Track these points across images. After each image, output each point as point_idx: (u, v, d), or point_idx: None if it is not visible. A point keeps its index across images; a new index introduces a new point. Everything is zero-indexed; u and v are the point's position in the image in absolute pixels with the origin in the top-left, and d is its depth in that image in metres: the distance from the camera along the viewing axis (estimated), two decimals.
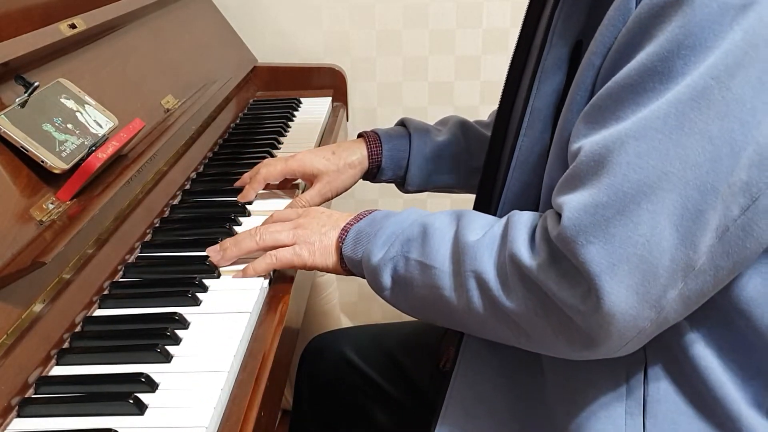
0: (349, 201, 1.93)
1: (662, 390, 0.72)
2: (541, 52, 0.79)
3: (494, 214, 0.84)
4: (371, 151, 1.11)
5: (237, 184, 1.13)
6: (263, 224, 0.91)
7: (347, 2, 1.78)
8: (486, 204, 0.91)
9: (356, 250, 0.83)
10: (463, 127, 1.14)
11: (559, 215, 0.67)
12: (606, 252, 0.62)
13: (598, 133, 0.65)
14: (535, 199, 0.80)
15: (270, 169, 1.08)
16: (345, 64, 1.76)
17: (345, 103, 1.72)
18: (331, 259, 0.86)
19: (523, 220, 0.73)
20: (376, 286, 0.82)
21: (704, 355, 0.70)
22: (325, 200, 1.10)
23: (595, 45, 0.69)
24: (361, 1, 1.78)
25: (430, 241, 0.77)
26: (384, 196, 1.94)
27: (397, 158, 1.12)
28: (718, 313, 0.69)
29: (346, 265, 0.86)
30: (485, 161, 0.94)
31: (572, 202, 0.65)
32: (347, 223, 0.87)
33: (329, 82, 1.70)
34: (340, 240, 0.85)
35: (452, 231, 0.77)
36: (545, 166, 0.78)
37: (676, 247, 0.61)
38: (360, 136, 1.14)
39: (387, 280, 0.80)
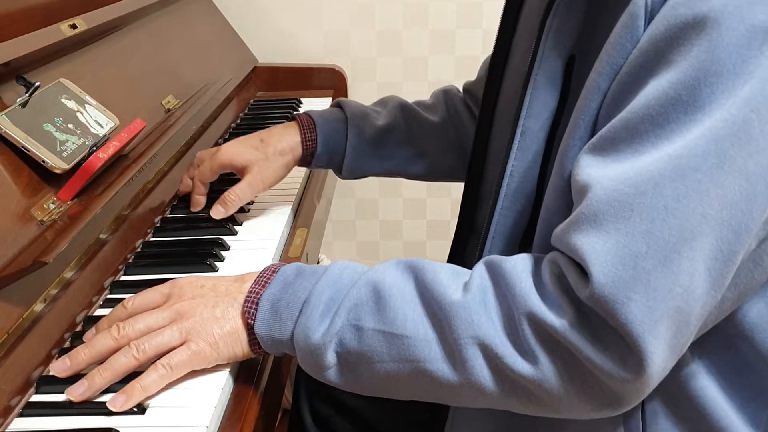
0: (349, 201, 1.93)
1: (660, 421, 0.68)
2: (531, 65, 0.72)
3: (481, 248, 0.77)
4: (305, 137, 1.03)
5: (181, 188, 1.09)
6: (129, 321, 0.71)
7: (347, 2, 1.78)
8: (468, 235, 0.82)
9: (278, 328, 0.68)
10: (404, 110, 1.08)
11: (576, 264, 0.60)
12: (648, 309, 0.56)
13: (613, 168, 0.59)
14: (528, 229, 0.74)
15: (201, 170, 1.03)
16: (345, 64, 1.76)
17: None
18: (239, 347, 0.70)
19: (519, 267, 0.64)
20: (315, 367, 0.68)
21: (706, 384, 0.66)
22: (257, 193, 1.02)
23: (600, 65, 0.63)
24: (361, 1, 1.78)
25: (388, 303, 0.65)
26: (384, 195, 1.94)
27: (333, 144, 1.04)
28: (718, 337, 0.66)
29: (261, 347, 0.70)
30: (465, 183, 0.87)
31: (601, 252, 0.57)
32: (251, 292, 0.70)
33: (329, 82, 1.70)
34: (249, 317, 0.69)
35: (411, 287, 0.66)
36: (540, 194, 0.72)
37: (707, 292, 0.57)
38: (293, 119, 1.06)
39: (331, 358, 0.66)
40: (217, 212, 1.00)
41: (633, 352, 0.57)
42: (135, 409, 0.67)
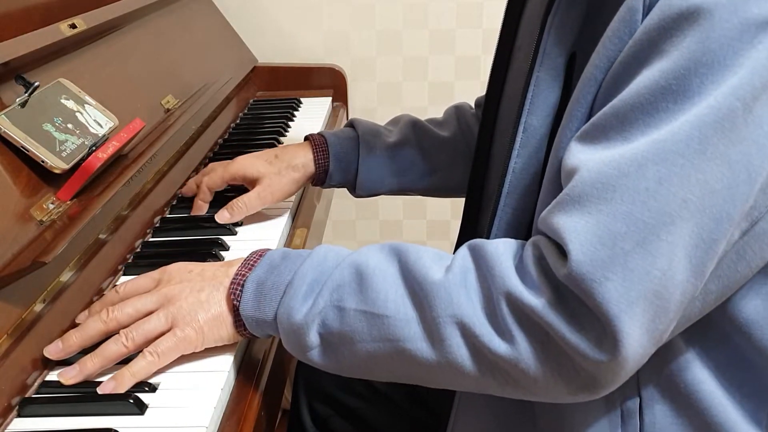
0: (347, 202, 1.92)
1: (658, 419, 0.68)
2: (533, 62, 0.72)
3: None
4: (317, 156, 1.05)
5: (184, 190, 1.10)
6: (118, 305, 0.73)
7: (347, 2, 1.78)
8: (471, 235, 0.83)
9: (263, 309, 0.69)
10: (415, 128, 1.09)
11: (557, 244, 0.60)
12: (624, 289, 0.56)
13: (601, 152, 0.60)
14: (531, 226, 0.73)
15: (211, 176, 1.04)
16: (345, 64, 1.76)
17: (345, 103, 1.72)
18: (224, 330, 0.72)
19: (501, 249, 0.65)
20: (299, 347, 0.69)
21: (701, 376, 0.67)
22: (265, 204, 1.03)
23: (597, 58, 0.64)
24: (361, 1, 1.78)
25: (370, 284, 0.65)
26: (383, 197, 1.94)
27: (345, 163, 1.06)
28: (715, 331, 0.67)
29: (246, 329, 0.71)
30: (469, 183, 0.87)
31: (581, 232, 0.58)
32: (237, 275, 0.72)
33: (329, 82, 1.70)
34: (234, 298, 0.71)
35: (395, 269, 0.67)
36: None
37: (687, 279, 0.58)
38: (306, 139, 1.08)
39: (314, 338, 0.67)
40: (223, 217, 1.01)
41: (608, 333, 0.57)
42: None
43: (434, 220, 1.98)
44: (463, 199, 0.98)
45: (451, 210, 1.97)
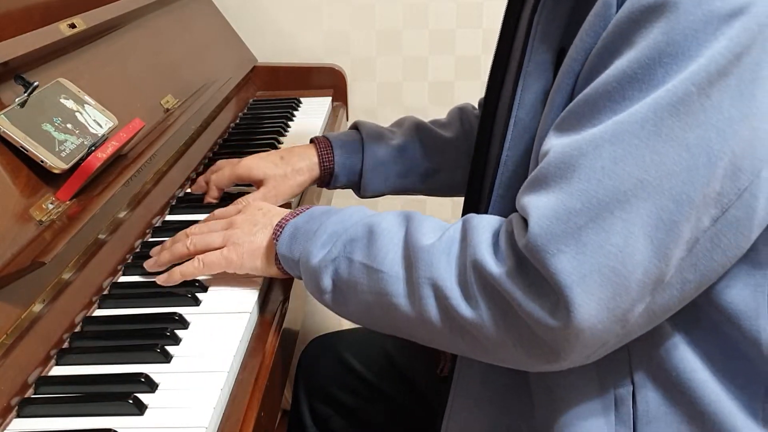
0: (349, 201, 1.93)
1: (652, 407, 0.69)
2: (521, 58, 0.75)
3: None
4: (322, 158, 1.08)
5: (194, 188, 1.12)
6: (203, 221, 0.90)
7: (347, 2, 1.78)
8: None
9: (293, 249, 0.79)
10: (418, 129, 1.11)
11: (525, 220, 0.64)
12: (577, 262, 0.59)
13: (570, 136, 0.63)
14: None
15: (218, 175, 1.07)
16: (345, 64, 1.75)
17: (345, 103, 1.71)
18: (260, 261, 0.83)
19: (484, 223, 0.69)
20: (315, 289, 0.77)
21: (696, 367, 0.68)
22: None
23: (575, 50, 0.67)
24: (361, 1, 1.78)
25: (376, 242, 0.73)
26: (383, 197, 1.94)
27: (350, 165, 1.08)
28: (704, 321, 0.67)
29: (281, 265, 0.82)
30: (468, 179, 0.90)
31: (540, 207, 0.62)
32: (282, 219, 0.82)
33: (329, 82, 1.70)
34: (275, 237, 0.81)
35: (401, 233, 0.73)
36: None
37: (649, 259, 0.59)
38: (312, 141, 1.11)
39: (327, 282, 0.75)
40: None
41: (561, 302, 0.60)
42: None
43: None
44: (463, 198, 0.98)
45: (451, 210, 1.97)
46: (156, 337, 0.77)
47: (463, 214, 0.95)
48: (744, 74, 0.58)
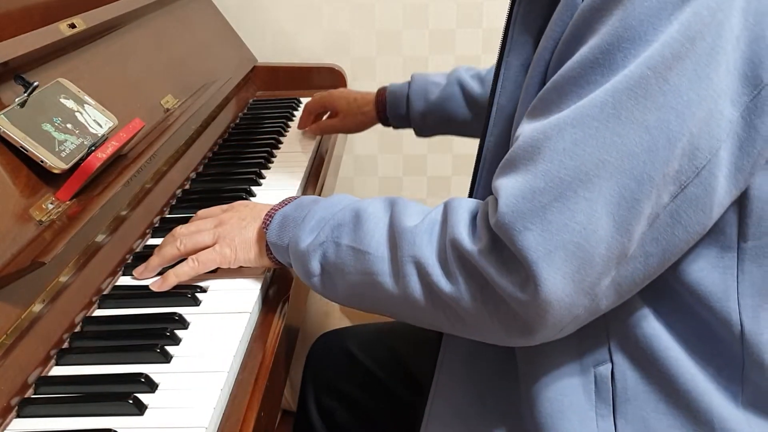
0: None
1: (630, 385, 0.72)
2: (502, 49, 0.79)
3: None
4: (378, 101, 1.34)
5: (299, 126, 1.42)
6: (188, 223, 0.91)
7: (347, 2, 1.78)
8: None
9: (282, 237, 0.82)
10: (459, 81, 1.28)
11: (496, 200, 0.67)
12: (543, 239, 0.62)
13: (539, 121, 0.66)
14: None
15: (310, 101, 1.40)
16: (345, 64, 1.75)
17: None
18: (252, 252, 0.86)
19: (463, 204, 0.72)
20: (304, 273, 0.80)
21: (670, 346, 0.70)
22: (336, 131, 1.42)
23: (545, 40, 0.70)
24: (361, 1, 1.78)
25: (363, 226, 0.76)
26: (384, 193, 1.94)
27: (396, 100, 1.30)
28: (677, 300, 0.70)
29: (272, 254, 0.84)
30: (471, 184, 0.94)
31: (508, 188, 0.65)
32: (271, 209, 0.85)
33: (329, 82, 1.70)
34: (264, 226, 0.84)
35: (387, 216, 0.76)
36: None
37: (611, 235, 0.62)
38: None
39: (316, 266, 0.78)
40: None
41: (529, 277, 0.63)
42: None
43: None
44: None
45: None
46: (156, 337, 0.77)
47: None
48: (699, 58, 0.60)
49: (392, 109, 1.33)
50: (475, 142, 0.90)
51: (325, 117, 1.42)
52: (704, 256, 0.68)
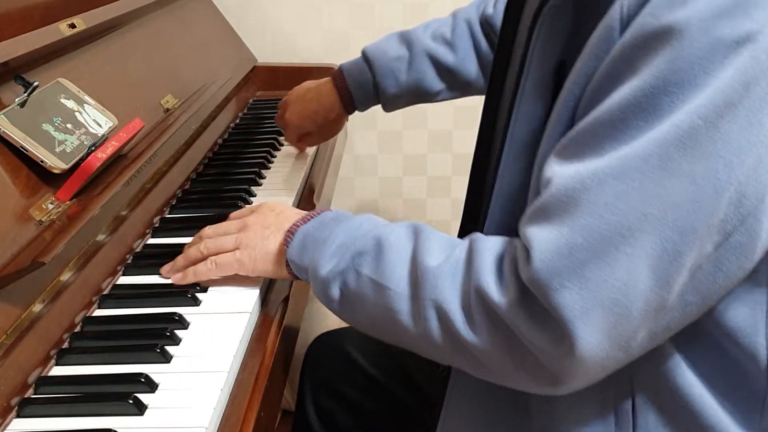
0: (348, 201, 1.93)
1: (651, 423, 0.70)
2: (519, 75, 0.74)
3: None
4: (342, 101, 1.23)
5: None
6: (217, 224, 0.91)
7: (347, 2, 1.78)
8: (473, 230, 0.84)
9: (302, 257, 0.80)
10: (428, 53, 1.21)
11: (528, 251, 0.63)
12: (580, 297, 0.59)
13: (573, 166, 0.62)
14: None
15: (285, 134, 1.31)
16: None
17: None
18: (271, 265, 0.84)
19: (488, 246, 0.69)
20: (324, 298, 0.79)
21: (694, 383, 0.68)
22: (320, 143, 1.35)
23: (576, 74, 0.65)
24: (361, 1, 1.78)
25: (384, 257, 0.73)
26: (384, 195, 1.94)
27: (363, 92, 1.22)
28: (704, 338, 0.67)
29: (291, 269, 0.83)
30: (469, 180, 0.90)
31: (543, 241, 0.61)
32: (294, 224, 0.83)
33: None
34: (285, 243, 0.82)
35: (409, 249, 0.73)
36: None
37: (651, 289, 0.59)
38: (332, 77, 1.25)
39: (335, 293, 0.76)
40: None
41: (564, 335, 0.60)
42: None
43: (434, 220, 1.98)
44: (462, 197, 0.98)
45: (451, 210, 1.97)
46: (156, 337, 0.77)
47: (461, 225, 0.96)
48: (753, 104, 0.57)
49: (361, 102, 1.25)
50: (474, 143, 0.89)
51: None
52: (734, 292, 0.65)
